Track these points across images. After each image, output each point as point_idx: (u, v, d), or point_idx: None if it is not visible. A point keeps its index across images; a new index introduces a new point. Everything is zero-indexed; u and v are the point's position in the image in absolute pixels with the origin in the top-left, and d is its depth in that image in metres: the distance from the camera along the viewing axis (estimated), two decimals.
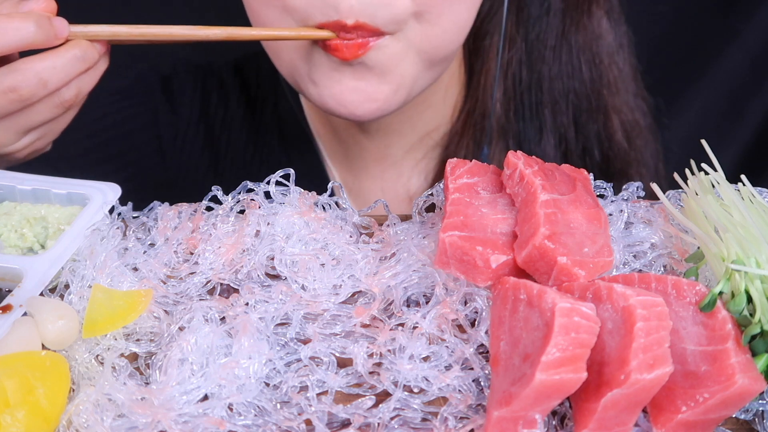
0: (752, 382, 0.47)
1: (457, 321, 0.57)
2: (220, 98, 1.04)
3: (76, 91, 0.70)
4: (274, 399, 0.53)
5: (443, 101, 0.98)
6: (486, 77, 0.95)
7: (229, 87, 1.04)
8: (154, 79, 1.04)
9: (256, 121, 1.03)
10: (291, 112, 1.02)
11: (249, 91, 1.04)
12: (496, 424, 0.48)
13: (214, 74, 1.05)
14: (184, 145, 1.03)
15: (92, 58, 0.70)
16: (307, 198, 0.67)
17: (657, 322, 0.48)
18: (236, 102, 1.04)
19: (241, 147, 1.03)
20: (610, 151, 1.00)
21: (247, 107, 1.04)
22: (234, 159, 1.03)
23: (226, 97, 1.04)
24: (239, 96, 1.04)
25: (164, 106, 1.03)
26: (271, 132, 1.03)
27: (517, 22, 0.94)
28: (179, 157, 1.03)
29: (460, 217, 0.59)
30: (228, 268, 0.63)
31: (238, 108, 1.04)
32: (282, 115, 1.03)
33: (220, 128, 1.03)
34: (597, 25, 0.95)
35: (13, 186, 0.71)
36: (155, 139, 1.03)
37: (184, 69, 1.05)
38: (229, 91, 1.04)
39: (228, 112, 1.04)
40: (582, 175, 0.64)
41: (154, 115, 1.03)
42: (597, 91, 0.97)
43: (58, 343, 0.57)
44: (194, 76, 1.04)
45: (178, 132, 1.03)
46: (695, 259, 0.58)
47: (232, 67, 1.05)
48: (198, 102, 1.04)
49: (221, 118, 1.04)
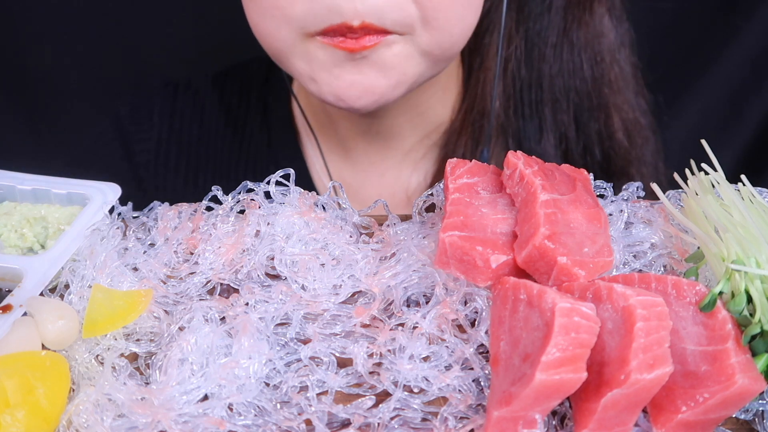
0: (752, 382, 0.47)
1: (457, 321, 0.57)
2: (194, 112, 1.04)
3: None
4: (274, 399, 0.53)
5: (442, 101, 0.97)
6: (485, 75, 0.95)
7: (206, 100, 1.04)
8: (124, 112, 1.05)
9: (240, 131, 1.03)
10: (281, 120, 1.02)
11: (230, 101, 1.04)
12: (496, 424, 0.48)
13: (189, 88, 1.05)
14: (157, 167, 1.04)
15: None
16: (307, 198, 0.67)
17: (657, 322, 0.48)
18: (215, 114, 1.04)
19: (224, 158, 1.03)
20: (610, 149, 1.00)
21: (228, 118, 1.04)
22: (215, 171, 1.03)
23: (201, 110, 1.04)
24: (218, 108, 1.04)
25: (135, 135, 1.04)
26: (258, 141, 1.03)
27: (518, 20, 0.93)
28: (155, 179, 1.04)
29: (460, 217, 0.59)
30: (228, 268, 0.63)
31: (219, 119, 1.04)
32: (271, 123, 1.03)
33: (196, 143, 1.04)
34: (599, 23, 0.95)
35: (13, 186, 0.71)
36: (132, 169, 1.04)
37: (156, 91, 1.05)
38: (205, 103, 1.04)
39: (203, 125, 1.04)
40: (582, 175, 0.64)
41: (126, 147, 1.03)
42: (598, 89, 0.97)
43: (58, 343, 0.57)
44: (163, 96, 1.05)
45: (149, 155, 1.04)
46: (695, 259, 0.58)
47: (211, 80, 1.05)
48: (167, 120, 1.04)
49: (196, 132, 1.04)
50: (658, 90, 1.05)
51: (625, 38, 0.98)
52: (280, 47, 0.79)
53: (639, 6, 1.00)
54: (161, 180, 1.04)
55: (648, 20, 1.04)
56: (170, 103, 1.05)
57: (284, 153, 1.01)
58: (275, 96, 1.03)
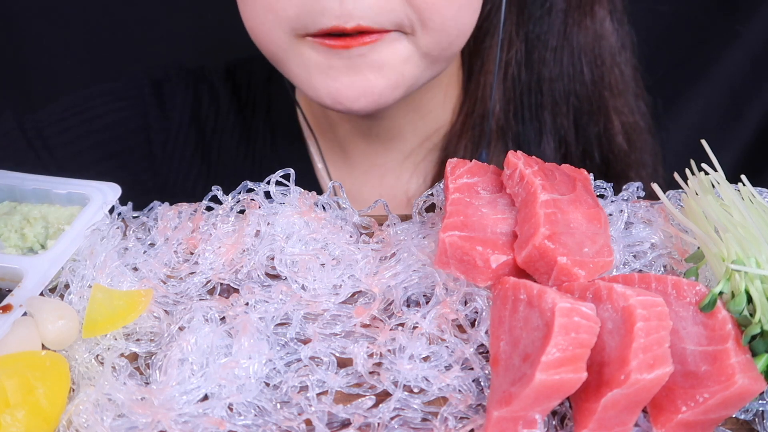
0: (752, 382, 0.47)
1: (457, 321, 0.57)
2: (211, 103, 1.03)
3: None
4: (274, 399, 0.53)
5: (443, 104, 0.97)
6: (485, 78, 0.94)
7: (220, 92, 1.04)
8: (145, 82, 1.03)
9: (248, 126, 1.03)
10: (284, 118, 1.02)
11: (240, 96, 1.04)
12: (496, 424, 0.48)
13: (205, 79, 1.04)
14: (175, 151, 1.03)
15: None
16: (307, 198, 0.67)
17: (657, 322, 0.48)
18: (227, 107, 1.03)
19: (232, 152, 1.03)
20: (610, 153, 1.00)
21: (239, 113, 1.03)
22: (225, 164, 1.03)
23: (217, 103, 1.03)
24: (230, 101, 1.04)
25: (154, 110, 1.02)
26: (263, 138, 1.03)
27: (518, 23, 0.93)
28: (170, 162, 1.03)
29: (460, 217, 0.59)
30: (228, 268, 0.63)
31: (230, 113, 1.03)
32: (275, 121, 1.02)
33: (211, 134, 1.03)
34: (600, 26, 0.95)
35: (13, 186, 0.71)
36: (145, 143, 1.03)
37: (175, 74, 1.04)
38: (220, 96, 1.04)
39: (219, 117, 1.03)
40: (582, 175, 0.64)
41: (144, 119, 1.02)
42: (598, 92, 0.97)
43: (58, 343, 0.57)
44: (185, 82, 1.04)
45: (168, 137, 1.02)
46: (695, 259, 0.58)
47: (224, 71, 1.05)
48: (189, 107, 1.03)
49: (212, 123, 1.03)
50: (657, 92, 1.05)
51: (626, 41, 0.97)
52: (275, 50, 0.79)
53: (638, 8, 1.00)
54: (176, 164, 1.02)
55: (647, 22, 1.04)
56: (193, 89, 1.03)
57: (288, 152, 1.01)
58: (278, 96, 1.03)
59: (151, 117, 1.02)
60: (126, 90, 1.03)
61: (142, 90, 1.02)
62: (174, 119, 1.03)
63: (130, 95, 1.02)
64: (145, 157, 1.02)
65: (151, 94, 1.02)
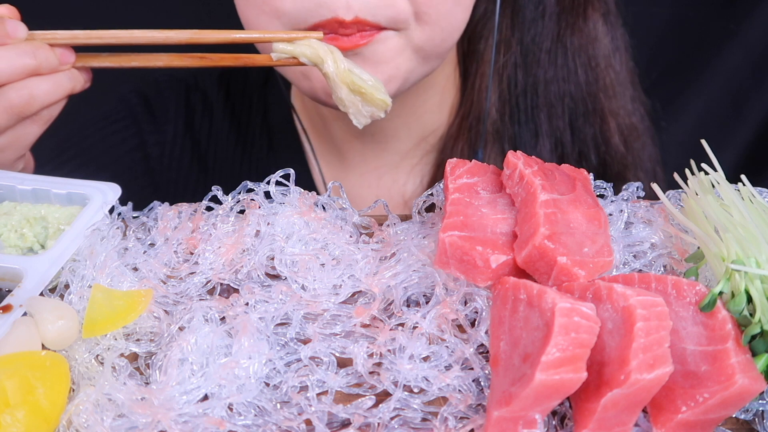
0: (752, 382, 0.47)
1: (457, 321, 0.57)
2: (204, 112, 1.04)
3: (28, 96, 0.67)
4: (274, 399, 0.53)
5: (439, 105, 0.98)
6: (481, 80, 0.95)
7: (213, 99, 1.04)
8: (136, 101, 1.04)
9: (243, 131, 1.03)
10: (281, 122, 1.02)
11: (235, 102, 1.04)
12: (496, 424, 0.48)
13: (198, 88, 1.05)
14: (171, 162, 1.03)
15: (46, 58, 0.67)
16: (307, 198, 0.67)
17: (657, 322, 0.48)
18: (221, 114, 1.04)
19: (229, 158, 1.03)
20: (606, 155, 1.00)
21: (234, 118, 1.04)
22: (223, 170, 1.03)
23: (211, 110, 1.04)
24: (224, 108, 1.04)
25: (148, 126, 1.03)
26: (260, 142, 1.03)
27: (512, 26, 0.94)
28: (167, 173, 1.03)
29: (460, 217, 0.59)
30: (228, 268, 0.63)
31: (224, 120, 1.04)
32: (272, 125, 1.03)
33: (206, 142, 1.04)
34: (593, 28, 0.95)
35: (13, 186, 0.71)
36: (143, 160, 1.03)
37: (166, 85, 1.05)
38: (214, 103, 1.04)
39: (213, 124, 1.04)
40: (582, 175, 0.64)
41: (139, 137, 1.03)
42: (593, 94, 0.97)
43: (58, 343, 0.57)
44: (176, 92, 1.04)
45: (164, 149, 1.03)
46: (695, 259, 0.58)
47: (216, 79, 1.05)
48: (182, 117, 1.04)
49: (207, 131, 1.04)
50: (656, 92, 1.05)
51: (621, 43, 0.98)
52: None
53: (635, 10, 1.00)
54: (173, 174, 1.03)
55: (645, 24, 1.04)
56: (185, 98, 1.04)
57: (285, 155, 1.01)
58: (275, 98, 1.03)
59: (146, 133, 1.03)
60: (117, 112, 1.04)
61: (134, 109, 1.04)
62: (168, 132, 1.04)
63: (121, 116, 1.03)
64: (146, 173, 1.03)
65: (143, 112, 1.03)
